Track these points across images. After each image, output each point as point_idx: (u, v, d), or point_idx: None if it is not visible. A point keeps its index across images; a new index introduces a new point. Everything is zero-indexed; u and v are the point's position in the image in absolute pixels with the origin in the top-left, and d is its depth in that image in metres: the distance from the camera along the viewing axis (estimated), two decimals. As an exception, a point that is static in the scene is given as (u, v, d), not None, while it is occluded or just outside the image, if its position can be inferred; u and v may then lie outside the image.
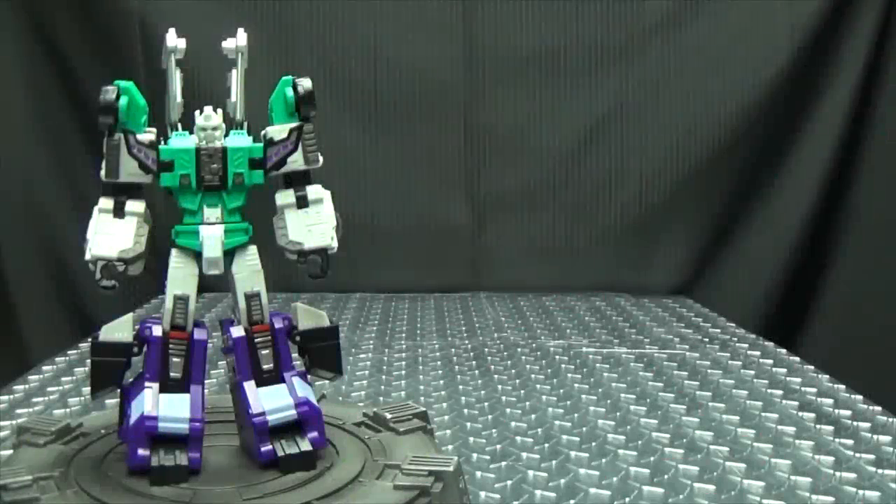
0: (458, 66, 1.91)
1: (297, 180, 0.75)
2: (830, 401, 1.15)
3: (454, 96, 1.92)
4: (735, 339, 1.49)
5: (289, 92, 0.74)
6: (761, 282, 1.92)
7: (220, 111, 0.73)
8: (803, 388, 1.20)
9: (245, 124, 0.74)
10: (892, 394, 1.21)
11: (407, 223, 1.93)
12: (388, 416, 0.81)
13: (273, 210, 0.75)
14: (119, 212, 0.72)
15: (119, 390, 0.73)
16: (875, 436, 1.02)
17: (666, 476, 0.90)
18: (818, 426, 1.05)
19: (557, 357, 1.37)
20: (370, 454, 0.74)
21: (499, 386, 1.22)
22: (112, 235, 0.72)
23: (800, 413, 1.10)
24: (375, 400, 1.15)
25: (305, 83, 0.74)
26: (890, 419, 1.07)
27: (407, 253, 1.94)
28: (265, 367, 0.74)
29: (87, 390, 0.74)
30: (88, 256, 0.71)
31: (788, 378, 1.25)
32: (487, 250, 1.96)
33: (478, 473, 0.90)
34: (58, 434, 0.76)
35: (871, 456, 0.95)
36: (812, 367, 1.32)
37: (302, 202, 0.75)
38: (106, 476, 0.70)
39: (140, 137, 0.71)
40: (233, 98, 0.74)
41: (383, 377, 1.26)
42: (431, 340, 1.49)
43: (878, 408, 1.11)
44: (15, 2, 1.85)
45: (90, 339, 0.73)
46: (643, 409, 1.11)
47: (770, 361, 1.34)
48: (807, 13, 1.86)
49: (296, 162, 0.74)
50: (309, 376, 0.76)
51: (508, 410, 1.11)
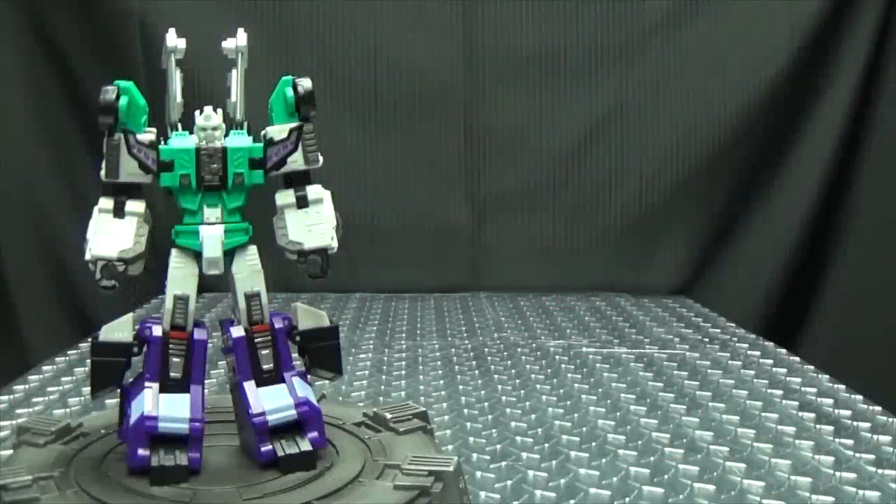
0: (458, 66, 1.91)
1: (297, 180, 0.75)
2: (830, 401, 1.15)
3: (454, 96, 1.92)
4: (735, 339, 1.49)
5: (289, 92, 0.74)
6: (761, 282, 1.92)
7: (220, 111, 0.73)
8: (803, 388, 1.20)
9: (245, 124, 0.74)
10: (892, 394, 1.21)
11: (407, 223, 1.93)
12: (388, 416, 0.81)
13: (273, 210, 0.75)
14: (119, 212, 0.72)
15: (119, 390, 0.73)
16: (875, 436, 1.02)
17: (666, 476, 0.90)
18: (818, 426, 1.05)
19: (557, 357, 1.37)
20: (370, 454, 0.74)
21: (499, 386, 1.22)
22: (112, 235, 0.71)
23: (800, 413, 1.10)
24: (375, 400, 1.15)
25: (305, 83, 0.74)
26: (890, 419, 1.07)
27: (407, 253, 1.94)
28: (265, 367, 0.74)
29: (87, 390, 0.74)
30: (88, 256, 0.71)
31: (788, 378, 1.25)
32: (487, 250, 1.96)
33: (478, 473, 0.90)
34: (58, 434, 0.76)
35: (871, 456, 0.95)
36: (812, 367, 1.32)
37: (302, 202, 0.75)
38: (106, 476, 0.70)
39: (140, 137, 0.71)
40: (233, 98, 0.74)
41: (383, 377, 1.26)
42: (431, 340, 1.49)
43: (878, 408, 1.11)
44: (15, 2, 1.85)
45: (90, 339, 0.73)
46: (643, 409, 1.11)
47: (770, 361, 1.34)
48: (807, 13, 1.86)
49: (296, 162, 0.74)
50: (309, 376, 0.76)
51: (508, 410, 1.11)
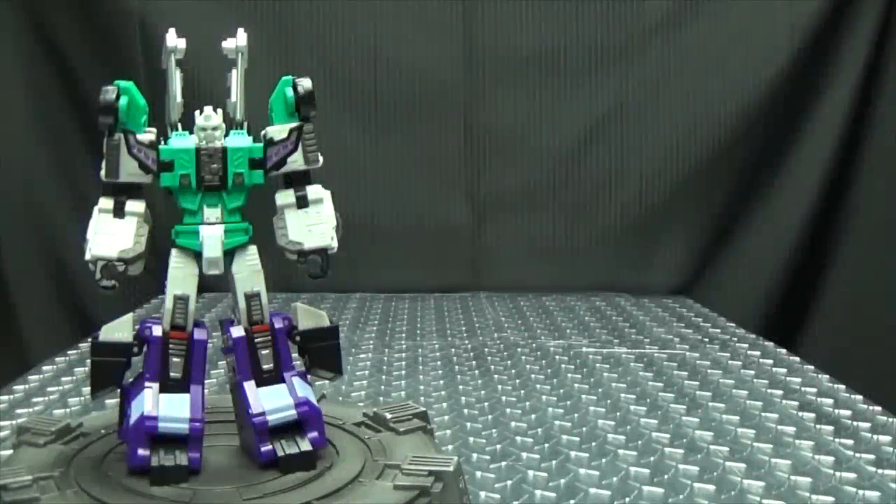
0: (458, 66, 1.91)
1: (297, 180, 0.75)
2: (830, 401, 1.15)
3: (454, 96, 1.92)
4: (735, 339, 1.49)
5: (289, 92, 0.74)
6: (761, 282, 1.92)
7: (220, 111, 0.73)
8: (803, 388, 1.20)
9: (245, 124, 0.74)
10: (892, 394, 1.21)
11: (407, 223, 1.93)
12: (388, 416, 0.81)
13: (273, 210, 0.75)
14: (119, 212, 0.72)
15: (119, 390, 0.73)
16: (875, 436, 1.02)
17: (666, 476, 0.90)
18: (818, 426, 1.05)
19: (557, 357, 1.37)
20: (370, 454, 0.74)
21: (499, 386, 1.22)
22: (112, 235, 0.71)
23: (800, 413, 1.10)
24: (375, 400, 1.15)
25: (305, 83, 0.74)
26: (890, 419, 1.07)
27: (407, 253, 1.94)
28: (265, 367, 0.74)
29: (87, 390, 0.73)
30: (88, 256, 0.71)
31: (788, 378, 1.25)
32: (487, 250, 1.96)
33: (478, 473, 0.90)
34: (58, 434, 0.76)
35: (871, 456, 0.95)
36: (812, 367, 1.32)
37: (302, 202, 0.75)
38: (106, 476, 0.70)
39: (140, 137, 0.71)
40: (233, 98, 0.74)
41: (383, 377, 1.26)
42: (431, 340, 1.49)
43: (878, 408, 1.11)
44: (15, 2, 1.85)
45: (90, 339, 0.73)
46: (643, 409, 1.11)
47: (770, 361, 1.34)
48: (807, 13, 1.86)
49: (296, 162, 0.74)
50: (309, 376, 0.76)
51: (508, 410, 1.11)
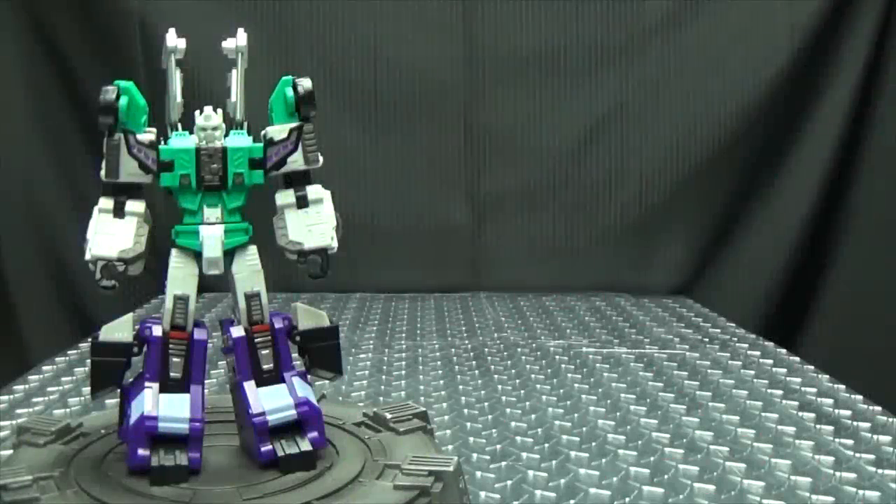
0: (458, 66, 1.91)
1: (297, 180, 0.75)
2: (830, 401, 1.15)
3: (454, 96, 1.92)
4: (735, 339, 1.49)
5: (289, 92, 0.74)
6: (761, 282, 1.92)
7: (220, 111, 0.73)
8: (803, 388, 1.20)
9: (245, 124, 0.74)
10: (892, 394, 1.21)
11: (407, 223, 1.93)
12: (388, 416, 0.81)
13: (273, 210, 0.75)
14: (119, 212, 0.72)
15: (119, 390, 0.73)
16: (875, 436, 1.02)
17: (666, 476, 0.90)
18: (818, 426, 1.05)
19: (557, 357, 1.37)
20: (370, 454, 0.74)
21: (499, 386, 1.22)
22: (112, 235, 0.71)
23: (800, 413, 1.10)
24: (375, 400, 1.15)
25: (305, 83, 0.74)
26: (890, 419, 1.07)
27: (407, 253, 1.93)
28: (265, 367, 0.74)
29: (87, 390, 0.73)
30: (88, 256, 0.71)
31: (788, 378, 1.25)
32: (487, 250, 1.96)
33: (478, 473, 0.90)
34: (58, 434, 0.76)
35: (871, 456, 0.95)
36: (812, 367, 1.32)
37: (302, 202, 0.75)
38: (106, 476, 0.70)
39: (140, 137, 0.71)
40: (233, 98, 0.74)
41: (383, 377, 1.26)
42: (431, 340, 1.49)
43: (878, 408, 1.11)
44: (15, 2, 1.85)
45: (90, 339, 0.73)
46: (643, 409, 1.11)
47: (770, 361, 1.34)
48: (807, 13, 1.86)
49: (296, 162, 0.74)
50: (309, 376, 0.76)
51: (508, 410, 1.11)
